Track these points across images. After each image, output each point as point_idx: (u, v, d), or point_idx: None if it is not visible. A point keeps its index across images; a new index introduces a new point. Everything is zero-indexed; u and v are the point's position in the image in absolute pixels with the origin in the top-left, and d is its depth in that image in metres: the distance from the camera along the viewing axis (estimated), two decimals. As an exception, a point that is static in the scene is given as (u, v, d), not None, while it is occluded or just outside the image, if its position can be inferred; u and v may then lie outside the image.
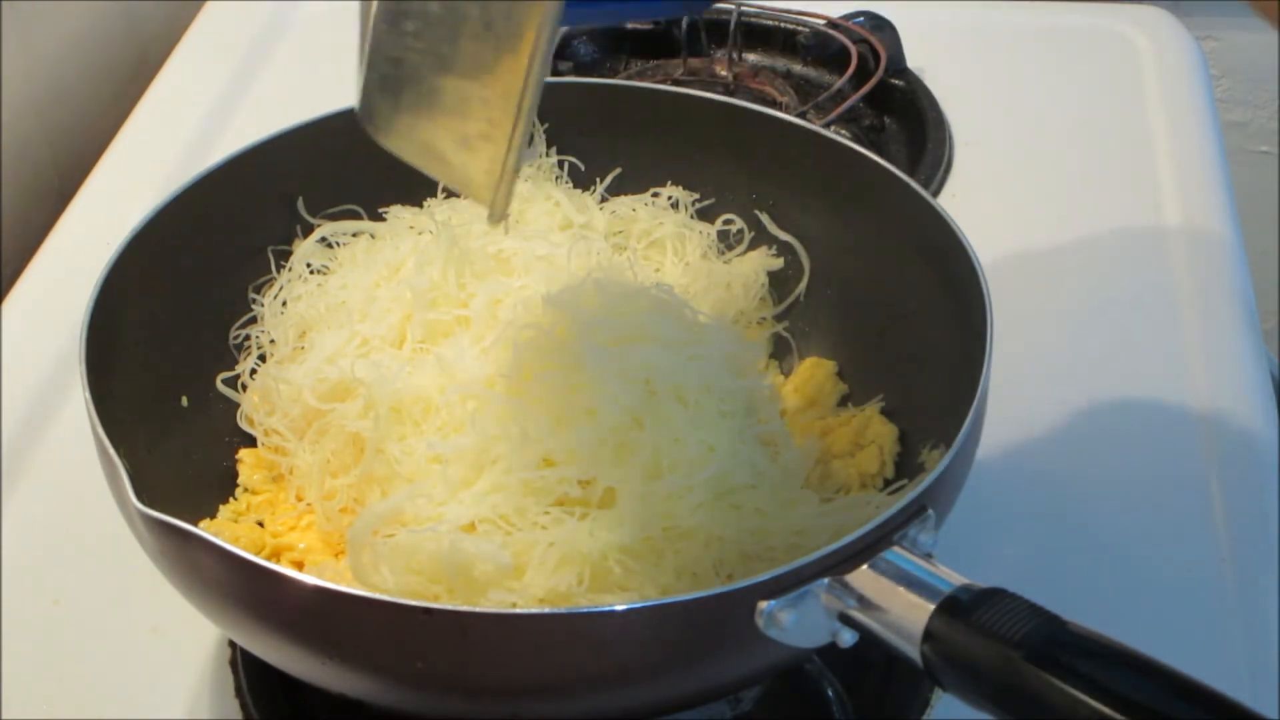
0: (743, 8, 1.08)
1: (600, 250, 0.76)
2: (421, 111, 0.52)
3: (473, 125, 0.51)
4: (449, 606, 0.53)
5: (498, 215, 0.52)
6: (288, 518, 0.69)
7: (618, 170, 0.81)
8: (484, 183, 0.52)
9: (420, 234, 0.76)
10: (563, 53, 1.08)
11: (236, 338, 0.74)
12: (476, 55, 0.49)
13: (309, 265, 0.76)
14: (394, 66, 0.51)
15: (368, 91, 0.53)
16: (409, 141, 0.53)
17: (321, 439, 0.68)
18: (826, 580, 0.52)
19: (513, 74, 0.49)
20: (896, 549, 0.53)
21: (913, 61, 1.06)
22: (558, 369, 0.64)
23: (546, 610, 0.54)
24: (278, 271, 0.76)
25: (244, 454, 0.72)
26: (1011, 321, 0.69)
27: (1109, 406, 0.82)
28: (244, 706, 0.68)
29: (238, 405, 0.73)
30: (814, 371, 0.75)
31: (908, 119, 1.05)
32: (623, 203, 0.80)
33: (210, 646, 0.71)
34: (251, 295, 0.75)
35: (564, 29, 1.09)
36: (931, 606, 0.50)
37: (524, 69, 0.49)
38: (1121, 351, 0.86)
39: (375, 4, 0.51)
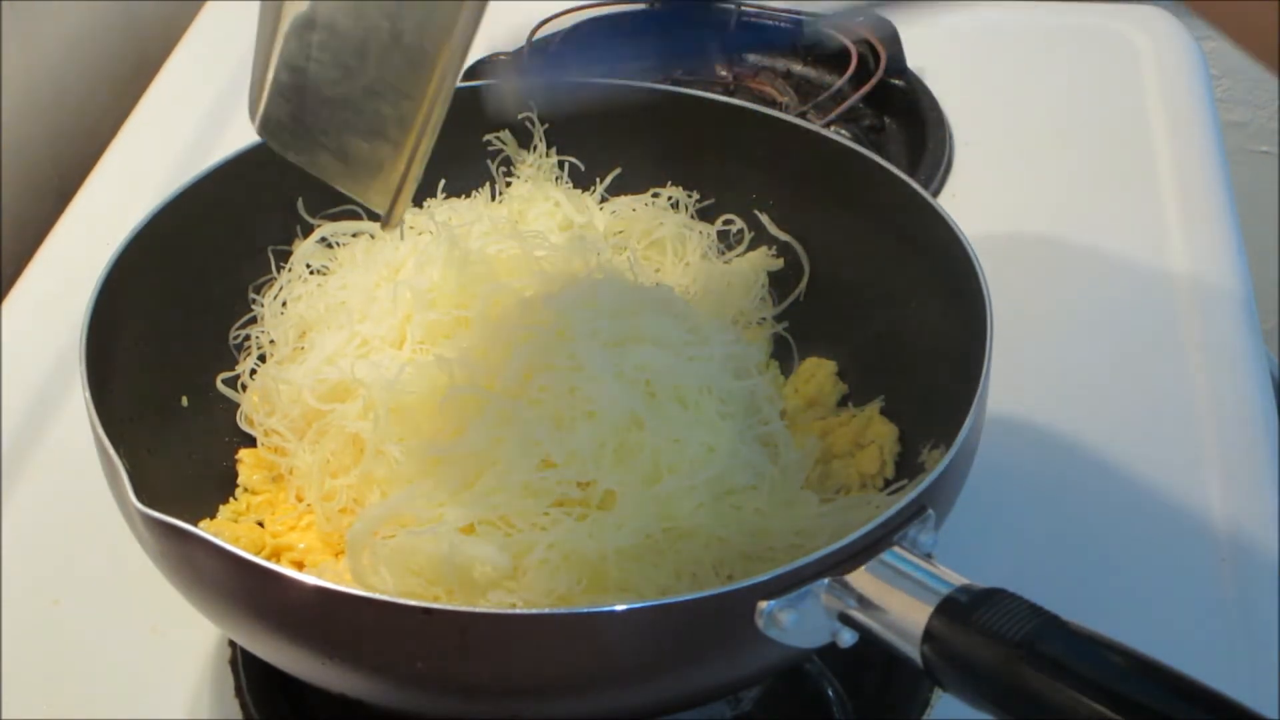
0: (743, 8, 1.08)
1: (600, 250, 0.76)
2: (322, 121, 0.51)
3: (376, 136, 0.50)
4: (449, 607, 0.53)
5: (393, 224, 0.52)
6: (288, 518, 0.69)
7: (618, 170, 0.81)
8: (382, 190, 0.51)
9: (420, 234, 0.76)
10: (563, 53, 1.08)
11: (236, 338, 0.74)
12: (383, 69, 0.49)
13: (309, 265, 0.76)
14: (297, 76, 0.51)
15: (269, 100, 0.53)
16: (309, 151, 0.53)
17: (321, 439, 0.68)
18: (826, 580, 0.52)
19: (420, 89, 0.48)
20: (896, 549, 0.53)
21: (913, 61, 1.06)
22: (558, 369, 0.64)
23: (546, 610, 0.54)
24: (278, 271, 0.76)
25: (244, 454, 0.72)
26: (1011, 321, 0.69)
27: (1109, 406, 0.82)
28: (244, 706, 0.68)
29: (238, 405, 0.73)
30: (814, 371, 0.75)
31: (908, 119, 1.04)
32: (623, 203, 0.80)
33: (210, 646, 0.71)
34: (251, 295, 0.75)
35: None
36: (931, 607, 0.50)
37: (433, 86, 0.48)
38: (1121, 351, 0.86)
39: (283, 4, 0.51)
